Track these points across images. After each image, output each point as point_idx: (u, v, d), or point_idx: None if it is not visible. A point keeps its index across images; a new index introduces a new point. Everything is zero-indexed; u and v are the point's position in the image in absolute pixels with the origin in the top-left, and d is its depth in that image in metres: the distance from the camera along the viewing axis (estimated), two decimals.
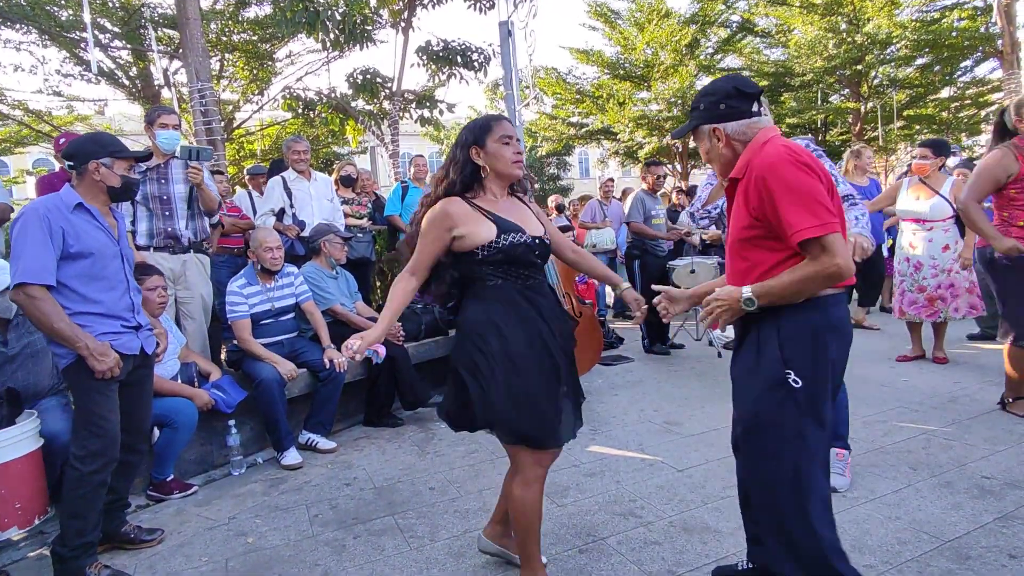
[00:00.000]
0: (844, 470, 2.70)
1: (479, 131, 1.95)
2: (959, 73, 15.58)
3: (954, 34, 13.64)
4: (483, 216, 1.91)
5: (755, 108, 1.69)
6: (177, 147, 3.53)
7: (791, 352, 1.59)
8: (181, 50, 6.86)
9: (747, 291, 1.60)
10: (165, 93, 10.87)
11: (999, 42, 12.61)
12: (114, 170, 2.35)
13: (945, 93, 16.38)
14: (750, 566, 1.93)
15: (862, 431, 3.31)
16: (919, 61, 15.10)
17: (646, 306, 2.12)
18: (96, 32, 8.48)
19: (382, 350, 1.93)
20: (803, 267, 1.53)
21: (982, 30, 13.43)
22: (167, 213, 3.52)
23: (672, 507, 2.61)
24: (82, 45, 8.95)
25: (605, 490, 2.82)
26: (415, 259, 1.96)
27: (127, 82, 10.93)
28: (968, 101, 16.57)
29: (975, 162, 6.42)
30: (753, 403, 1.66)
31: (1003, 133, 3.31)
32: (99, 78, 10.07)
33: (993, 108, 16.04)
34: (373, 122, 10.31)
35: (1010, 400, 3.48)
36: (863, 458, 2.97)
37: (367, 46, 8.88)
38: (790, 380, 1.58)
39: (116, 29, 9.38)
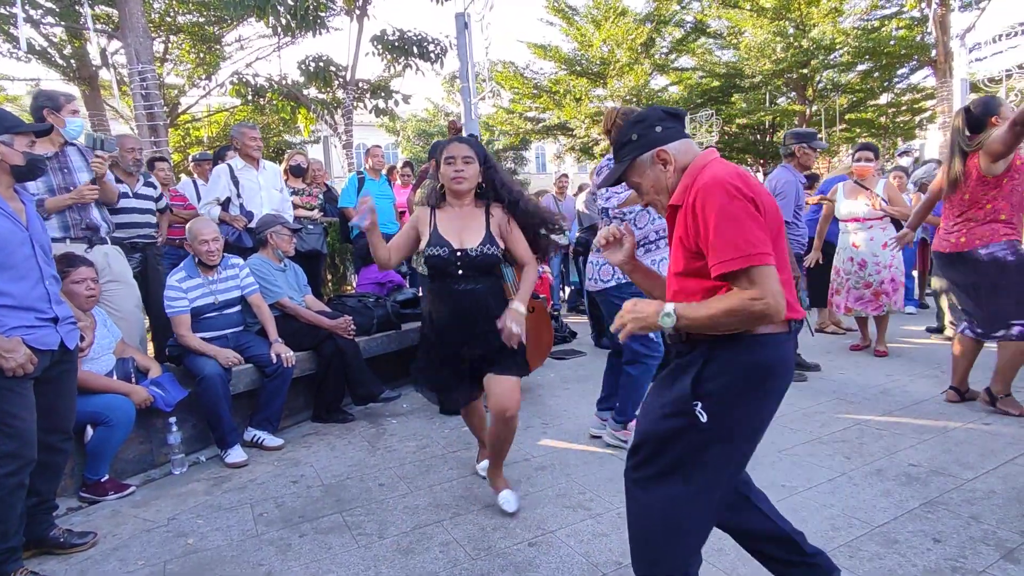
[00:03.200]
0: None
1: (433, 150, 2.66)
2: (896, 80, 16.36)
3: (892, 43, 14.30)
4: (428, 228, 2.47)
5: (686, 131, 1.62)
6: (82, 135, 3.35)
7: (711, 387, 1.45)
8: (120, 29, 6.53)
9: (669, 307, 1.43)
10: (103, 74, 10.36)
11: (933, 51, 13.29)
12: (14, 147, 2.17)
13: (883, 99, 17.17)
14: None
15: (801, 423, 3.45)
16: (860, 67, 15.78)
17: (514, 336, 2.43)
18: (27, 7, 7.99)
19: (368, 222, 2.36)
20: (728, 299, 1.37)
21: (918, 39, 14.12)
22: (80, 203, 3.33)
23: (620, 499, 2.64)
24: (11, 21, 8.41)
25: (555, 483, 2.85)
26: (395, 238, 2.60)
27: (61, 61, 10.36)
28: (904, 107, 17.42)
29: (918, 166, 6.76)
30: (650, 425, 1.56)
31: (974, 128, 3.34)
32: (29, 56, 9.52)
33: (927, 115, 16.93)
34: (326, 111, 10.10)
35: (1001, 396, 3.48)
36: (802, 448, 3.09)
37: (320, 33, 8.69)
38: (696, 411, 1.44)
39: (49, 4, 8.86)
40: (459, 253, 2.41)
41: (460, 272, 2.42)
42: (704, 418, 1.44)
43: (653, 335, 3.13)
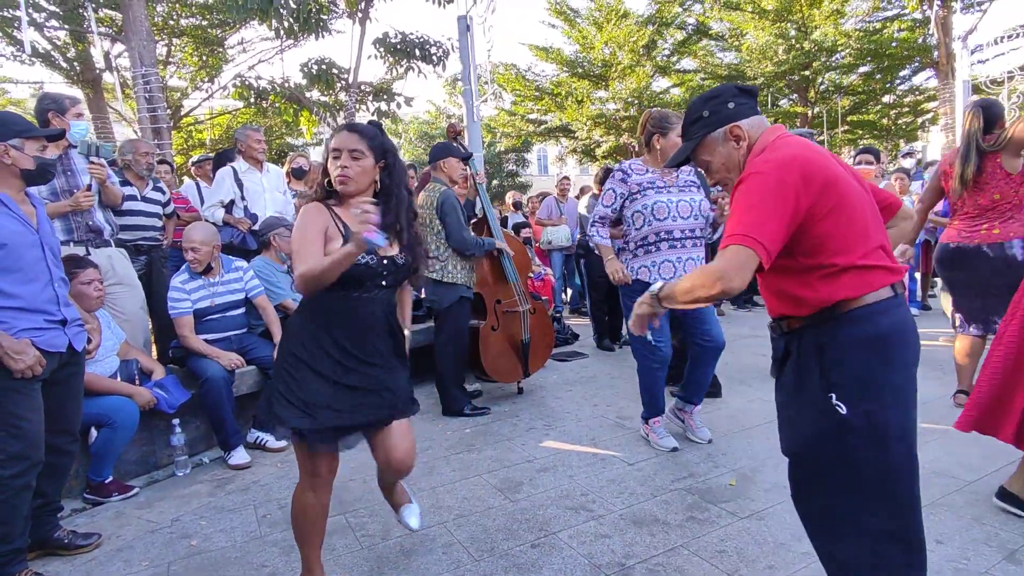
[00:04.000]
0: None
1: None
2: (898, 82, 16.36)
3: (894, 44, 14.30)
4: (338, 229, 1.89)
5: (758, 109, 1.60)
6: (78, 144, 3.38)
7: (837, 376, 1.40)
8: (124, 33, 6.56)
9: (654, 286, 1.53)
10: (107, 77, 10.41)
11: (935, 53, 13.29)
12: (26, 151, 2.19)
13: (886, 100, 17.16)
14: None
15: None
16: (862, 69, 15.79)
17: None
18: (31, 11, 8.03)
19: (376, 236, 1.70)
20: (701, 271, 1.40)
21: (920, 41, 14.12)
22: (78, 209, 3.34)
23: (622, 500, 2.66)
24: (15, 24, 8.46)
25: (557, 485, 2.85)
26: (310, 258, 1.80)
27: (65, 64, 10.40)
28: (906, 108, 17.42)
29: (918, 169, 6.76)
30: (800, 437, 1.50)
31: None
32: (33, 60, 9.56)
33: (929, 116, 16.92)
34: (328, 114, 10.11)
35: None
36: None
37: (323, 35, 8.71)
38: (834, 405, 1.38)
39: (53, 8, 8.90)
40: (386, 261, 1.93)
41: (384, 283, 1.96)
42: (844, 410, 1.38)
43: (651, 338, 3.13)
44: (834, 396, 1.39)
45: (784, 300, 1.49)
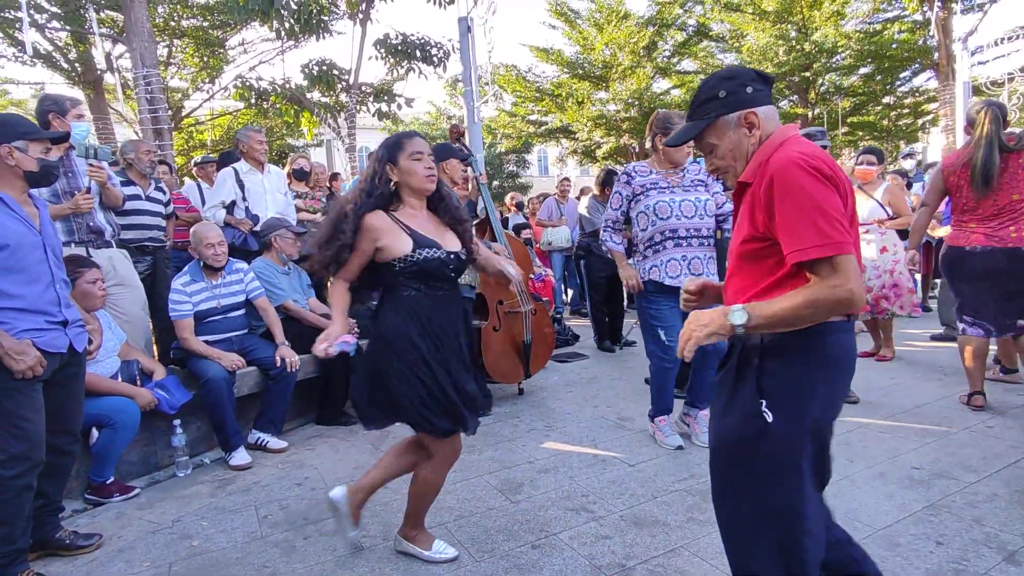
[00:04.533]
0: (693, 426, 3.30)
1: (392, 148, 2.09)
2: (898, 83, 16.35)
3: (894, 46, 14.30)
4: (402, 230, 2.05)
5: (772, 100, 1.51)
6: (75, 146, 3.39)
7: (771, 383, 1.38)
8: (125, 34, 6.58)
9: (738, 313, 1.32)
10: (108, 78, 10.43)
11: (935, 55, 13.29)
12: (29, 153, 2.20)
13: (886, 102, 17.16)
14: None
15: None
16: (862, 70, 15.78)
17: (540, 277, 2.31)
18: (32, 12, 8.05)
19: (351, 339, 1.95)
20: (808, 290, 1.27)
21: (920, 43, 14.12)
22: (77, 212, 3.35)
23: (623, 501, 2.66)
24: (16, 25, 8.47)
25: (558, 486, 2.85)
26: (346, 267, 2.08)
27: (66, 65, 10.43)
28: (907, 110, 17.42)
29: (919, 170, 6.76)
30: (722, 436, 1.50)
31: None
32: (35, 60, 9.58)
33: (929, 118, 16.93)
34: (329, 115, 10.14)
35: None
36: None
37: (323, 36, 8.74)
38: (763, 412, 1.37)
39: (55, 9, 8.92)
40: (451, 255, 2.11)
41: (452, 276, 2.14)
42: (770, 417, 1.36)
43: (665, 338, 3.14)
44: (764, 403, 1.37)
45: (753, 299, 1.42)
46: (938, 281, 7.34)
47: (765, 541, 1.39)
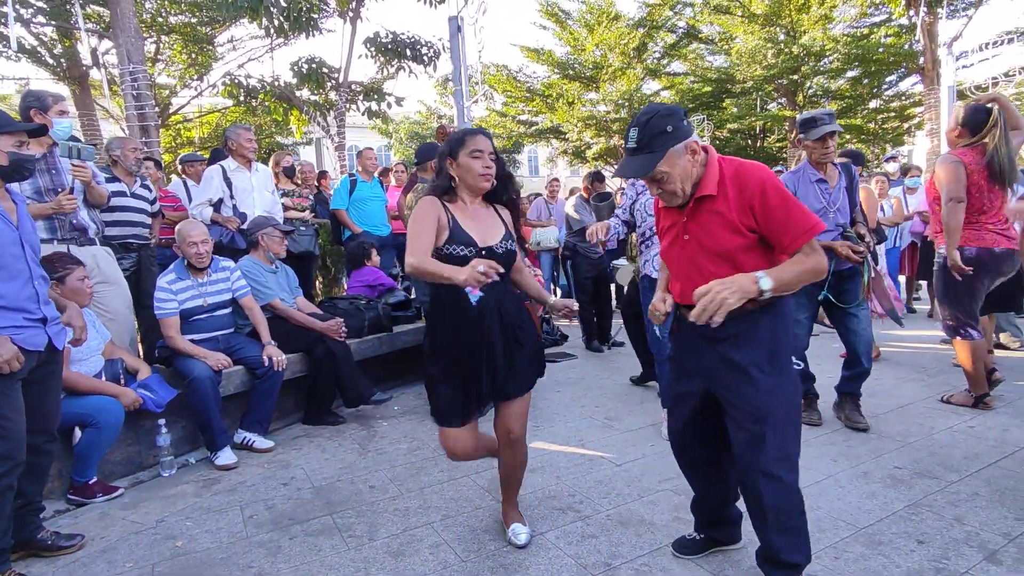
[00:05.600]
0: None
1: (454, 144, 2.17)
2: (885, 87, 16.52)
3: (881, 50, 14.44)
4: (447, 222, 2.13)
5: None
6: (59, 143, 3.35)
7: (782, 344, 1.83)
8: (112, 29, 6.51)
9: (761, 273, 1.66)
10: (94, 74, 10.32)
11: (921, 59, 13.44)
12: (0, 147, 2.16)
13: (872, 105, 17.33)
14: (700, 536, 2.21)
15: None
16: (849, 74, 15.92)
17: (575, 306, 2.37)
18: (17, 6, 7.93)
19: (476, 292, 2.07)
20: (803, 261, 1.70)
21: (906, 47, 14.27)
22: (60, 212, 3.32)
23: (609, 501, 2.67)
24: (1, 20, 8.35)
25: (545, 485, 2.86)
26: (419, 243, 2.09)
27: (51, 61, 10.30)
28: (893, 114, 17.60)
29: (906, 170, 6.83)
30: (777, 386, 1.81)
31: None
32: (19, 55, 9.45)
33: (915, 121, 17.13)
34: (319, 113, 10.08)
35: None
36: None
37: (313, 34, 8.68)
38: (795, 365, 1.90)
39: (40, 3, 8.81)
40: (484, 252, 2.13)
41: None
42: (799, 367, 1.89)
43: (659, 332, 3.23)
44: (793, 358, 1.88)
45: None
46: (923, 283, 7.43)
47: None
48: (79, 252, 3.32)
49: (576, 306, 2.38)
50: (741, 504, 2.04)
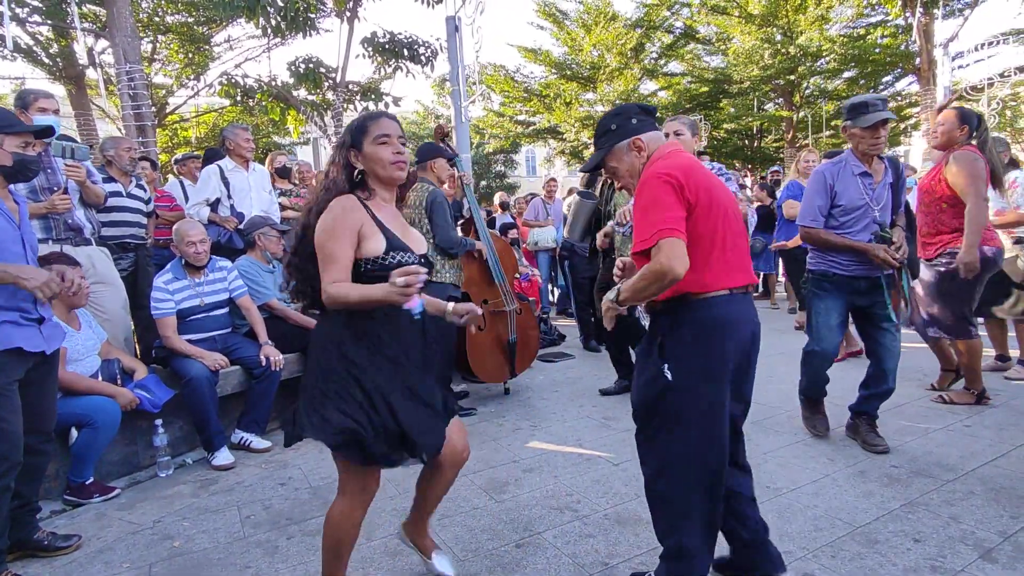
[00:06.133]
0: None
1: (355, 132, 1.81)
2: (881, 87, 16.57)
3: (877, 50, 14.50)
4: (375, 227, 1.76)
5: (656, 126, 1.87)
6: (51, 141, 3.34)
7: (670, 347, 1.74)
8: (108, 29, 6.49)
9: (613, 291, 1.77)
10: (90, 74, 10.27)
11: (917, 60, 13.49)
12: (4, 147, 2.17)
13: None
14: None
15: (786, 425, 3.49)
16: (846, 74, 16.00)
17: (478, 311, 2.01)
18: (13, 5, 7.90)
19: (415, 302, 1.60)
20: (645, 266, 1.66)
21: (902, 48, 14.33)
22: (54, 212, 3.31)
23: (607, 500, 2.68)
24: None
25: (543, 485, 2.86)
26: (336, 267, 1.68)
27: (47, 60, 10.26)
28: None
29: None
30: (638, 392, 1.84)
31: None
32: (15, 55, 9.41)
33: (911, 122, 17.18)
34: (316, 113, 10.07)
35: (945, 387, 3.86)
36: (787, 450, 3.13)
37: (310, 34, 8.67)
38: (664, 372, 1.72)
39: (36, 3, 8.77)
40: (422, 260, 1.84)
41: (426, 282, 1.72)
42: (670, 376, 1.71)
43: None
44: (666, 366, 1.73)
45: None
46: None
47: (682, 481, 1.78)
48: (75, 252, 3.31)
49: (479, 311, 2.01)
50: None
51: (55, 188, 3.26)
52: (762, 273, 8.00)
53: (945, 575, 2.03)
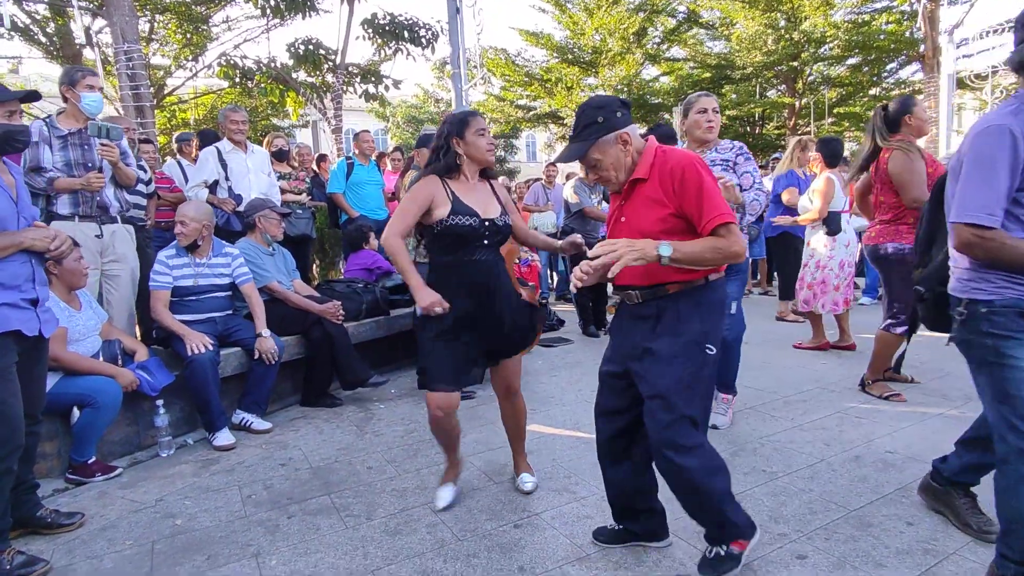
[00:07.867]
0: (727, 411, 3.33)
1: (459, 124, 2.38)
2: (885, 74, 16.44)
3: (882, 37, 14.36)
4: (447, 197, 2.35)
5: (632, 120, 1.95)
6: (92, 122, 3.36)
7: (709, 326, 1.87)
8: (105, 7, 6.42)
9: (665, 247, 1.72)
10: (87, 53, 10.17)
11: (922, 47, 13.38)
12: None
13: (872, 93, 17.26)
14: (620, 527, 2.22)
15: (783, 410, 3.52)
16: (850, 61, 15.85)
17: (579, 239, 2.54)
18: None
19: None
20: (714, 240, 1.75)
21: (907, 34, 14.20)
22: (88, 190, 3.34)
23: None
24: None
25: (541, 467, 2.89)
26: (402, 222, 2.35)
27: (44, 39, 10.14)
28: None
29: None
30: (681, 367, 1.84)
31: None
32: (12, 34, 9.31)
33: None
34: (315, 95, 9.99)
35: (870, 381, 3.77)
36: (783, 435, 3.16)
37: (310, 15, 8.59)
38: (707, 349, 1.86)
39: None
40: (487, 223, 2.38)
41: (485, 243, 2.39)
42: (712, 352, 1.86)
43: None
44: (710, 344, 1.87)
45: (677, 269, 1.80)
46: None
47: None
48: (98, 230, 3.42)
49: (580, 239, 2.55)
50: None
51: (90, 165, 3.32)
52: (751, 259, 7.97)
53: (937, 557, 2.06)
